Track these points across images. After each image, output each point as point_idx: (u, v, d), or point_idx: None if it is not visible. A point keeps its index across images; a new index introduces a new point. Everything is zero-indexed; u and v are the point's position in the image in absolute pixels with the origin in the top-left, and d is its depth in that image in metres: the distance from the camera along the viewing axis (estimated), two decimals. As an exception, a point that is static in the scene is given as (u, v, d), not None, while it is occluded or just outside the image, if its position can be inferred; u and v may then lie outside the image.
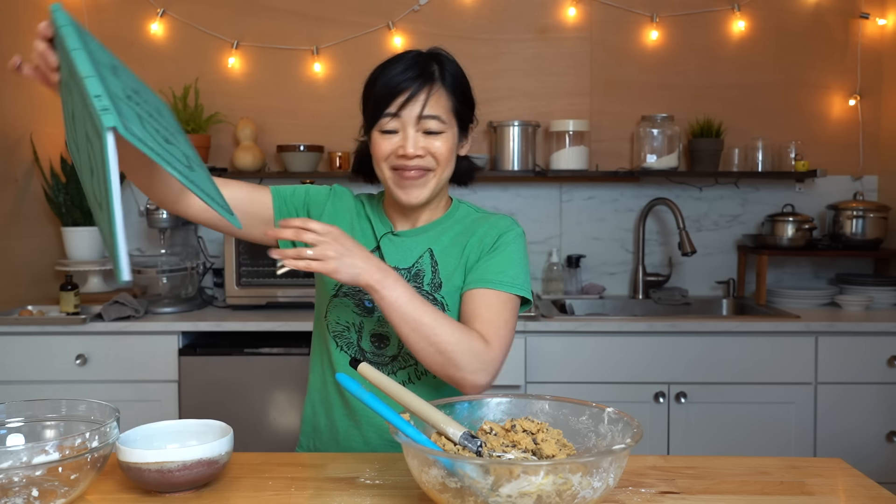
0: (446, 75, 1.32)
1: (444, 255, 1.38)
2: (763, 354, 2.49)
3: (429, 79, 1.29)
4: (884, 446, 2.51)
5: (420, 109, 1.28)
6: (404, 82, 1.28)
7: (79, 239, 2.91)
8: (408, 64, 1.30)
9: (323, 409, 1.43)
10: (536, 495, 0.91)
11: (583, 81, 3.09)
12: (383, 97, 1.29)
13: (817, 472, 1.20)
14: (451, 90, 1.32)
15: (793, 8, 3.04)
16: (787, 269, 3.11)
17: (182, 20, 3.08)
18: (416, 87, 1.28)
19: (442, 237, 1.39)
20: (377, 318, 1.35)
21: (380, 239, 1.39)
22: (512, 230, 1.38)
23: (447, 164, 1.33)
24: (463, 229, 1.40)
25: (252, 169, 2.95)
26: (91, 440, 1.06)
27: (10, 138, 2.75)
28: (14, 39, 2.79)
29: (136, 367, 2.51)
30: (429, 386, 1.37)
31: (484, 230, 1.38)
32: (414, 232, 1.40)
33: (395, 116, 1.29)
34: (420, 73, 1.29)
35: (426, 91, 1.29)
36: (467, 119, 1.37)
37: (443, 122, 1.30)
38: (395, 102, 1.28)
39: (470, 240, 1.38)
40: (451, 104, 1.32)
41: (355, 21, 3.06)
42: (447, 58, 1.35)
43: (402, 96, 1.28)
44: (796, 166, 2.91)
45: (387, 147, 1.30)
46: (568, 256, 3.06)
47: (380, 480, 1.15)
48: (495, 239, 1.36)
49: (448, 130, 1.31)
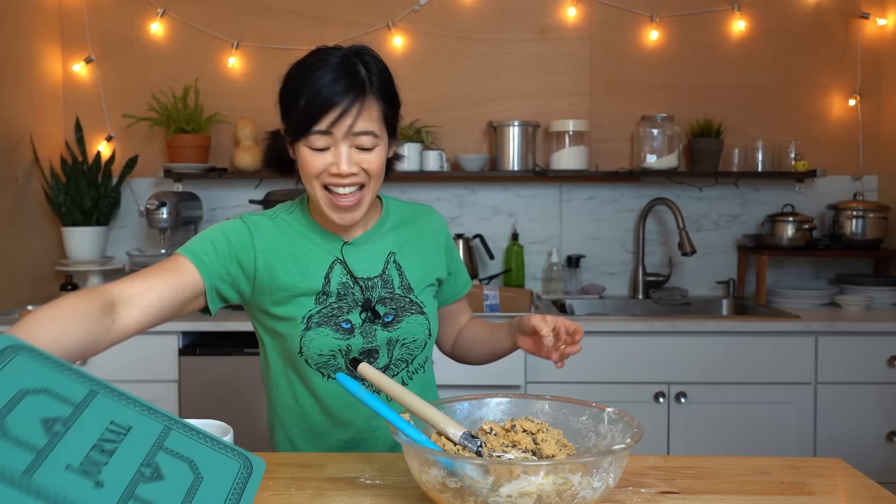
0: (374, 80, 1.24)
1: (407, 258, 1.39)
2: (763, 354, 2.49)
3: (360, 90, 1.21)
4: (884, 446, 2.51)
5: (353, 125, 1.21)
6: (335, 96, 1.20)
7: (79, 239, 2.91)
8: (337, 73, 1.21)
9: (309, 440, 1.39)
10: (536, 495, 0.91)
11: (583, 81, 3.09)
12: (313, 112, 1.21)
13: (817, 472, 1.20)
14: (379, 96, 1.24)
15: (793, 8, 3.04)
16: (787, 269, 3.11)
17: (182, 20, 3.08)
18: (348, 102, 1.20)
19: (398, 240, 1.39)
20: (359, 334, 1.31)
21: (342, 250, 1.34)
22: (445, 223, 1.50)
23: (379, 176, 1.28)
24: (410, 228, 1.42)
25: (252, 169, 2.95)
26: (91, 440, 1.05)
27: (10, 138, 2.75)
28: (14, 39, 2.79)
29: (136, 367, 2.51)
30: (419, 384, 1.39)
31: (437, 229, 1.46)
32: (366, 237, 1.37)
33: (325, 133, 1.21)
34: (350, 83, 1.21)
35: (358, 105, 1.21)
36: (396, 121, 1.31)
37: (376, 137, 1.24)
38: (325, 119, 1.20)
39: (430, 242, 1.43)
40: (382, 113, 1.25)
41: (355, 21, 3.06)
42: (372, 57, 1.28)
43: (333, 112, 1.20)
44: (796, 166, 2.91)
45: (318, 165, 1.23)
46: (568, 256, 3.06)
47: (380, 480, 1.15)
48: (448, 237, 1.48)
49: (381, 143, 1.26)
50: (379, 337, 1.32)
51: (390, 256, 1.37)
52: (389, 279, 1.35)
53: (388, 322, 1.33)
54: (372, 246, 1.37)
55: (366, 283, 1.33)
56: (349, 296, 1.32)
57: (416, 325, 1.35)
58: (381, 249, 1.37)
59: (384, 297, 1.34)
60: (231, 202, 3.12)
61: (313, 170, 1.24)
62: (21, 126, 2.82)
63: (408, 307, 1.35)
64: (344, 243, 1.35)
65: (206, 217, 3.09)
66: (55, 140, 3.04)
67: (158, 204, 2.71)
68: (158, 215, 2.72)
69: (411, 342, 1.35)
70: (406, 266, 1.38)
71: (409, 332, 1.35)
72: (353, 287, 1.33)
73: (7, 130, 2.74)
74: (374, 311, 1.32)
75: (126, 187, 3.12)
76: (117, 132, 3.11)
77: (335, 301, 1.31)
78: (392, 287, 1.35)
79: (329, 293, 1.31)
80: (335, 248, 1.34)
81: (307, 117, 1.21)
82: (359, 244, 1.36)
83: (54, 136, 3.04)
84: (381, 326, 1.32)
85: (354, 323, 1.31)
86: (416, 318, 1.35)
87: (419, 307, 1.36)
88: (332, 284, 1.32)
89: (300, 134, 1.23)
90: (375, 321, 1.32)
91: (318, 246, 1.34)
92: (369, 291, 1.33)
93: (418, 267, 1.39)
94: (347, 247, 1.35)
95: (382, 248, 1.37)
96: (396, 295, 1.35)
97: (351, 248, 1.35)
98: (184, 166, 2.92)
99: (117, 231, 3.13)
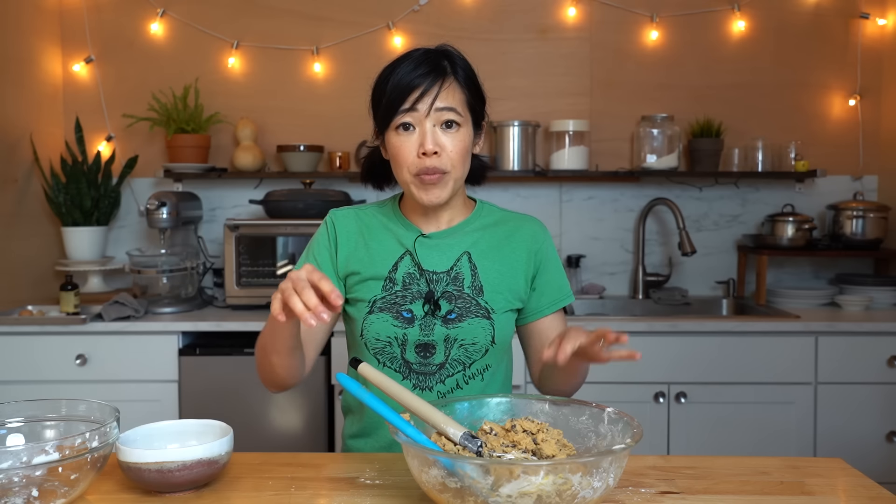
0: (458, 70, 1.31)
1: (484, 259, 1.37)
2: (763, 354, 2.49)
3: (441, 73, 1.28)
4: (884, 446, 2.51)
5: (435, 102, 1.27)
6: (416, 79, 1.27)
7: (79, 239, 2.91)
8: (417, 61, 1.29)
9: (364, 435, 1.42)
10: (536, 495, 0.91)
11: (583, 81, 3.09)
12: (396, 96, 1.27)
13: (817, 472, 1.20)
14: (463, 84, 1.31)
15: (793, 8, 3.04)
16: (787, 269, 3.11)
17: (182, 20, 3.08)
18: (429, 83, 1.27)
19: (479, 241, 1.38)
20: (419, 326, 1.33)
21: (415, 241, 1.37)
22: (547, 235, 1.43)
23: (462, 163, 1.31)
24: (496, 231, 1.40)
25: (252, 169, 2.95)
26: (91, 440, 1.06)
27: (10, 138, 2.75)
28: (14, 39, 2.79)
29: (136, 367, 2.51)
30: (475, 391, 1.37)
31: (527, 237, 1.40)
32: (445, 233, 1.38)
33: (410, 111, 1.27)
34: (431, 68, 1.28)
35: (439, 84, 1.27)
36: (480, 114, 1.36)
37: (459, 115, 1.29)
38: (409, 99, 1.27)
39: (516, 248, 1.39)
40: (465, 97, 1.31)
41: (355, 21, 3.06)
42: (456, 54, 1.34)
43: (415, 92, 1.26)
44: (796, 166, 2.91)
45: (408, 148, 1.28)
46: (568, 256, 3.06)
47: (380, 480, 1.15)
48: (545, 249, 1.41)
49: (464, 125, 1.30)
50: (437, 332, 1.32)
51: (464, 255, 1.37)
52: (460, 277, 1.35)
53: (451, 319, 1.33)
54: (447, 242, 1.38)
55: (431, 277, 1.34)
56: (414, 286, 1.34)
57: (479, 329, 1.33)
58: (455, 246, 1.37)
59: (451, 294, 1.34)
60: (231, 202, 3.12)
61: (404, 156, 1.29)
62: (21, 126, 2.82)
63: (474, 309, 1.34)
64: (419, 235, 1.37)
65: (206, 217, 3.09)
66: (55, 140, 3.04)
67: (158, 204, 2.71)
68: (158, 215, 2.72)
69: (470, 345, 1.34)
70: (482, 267, 1.36)
71: (470, 334, 1.33)
72: (419, 278, 1.34)
73: (7, 130, 2.74)
74: (437, 304, 1.33)
75: (126, 187, 3.12)
76: (117, 132, 3.11)
77: (400, 290, 1.34)
78: (461, 285, 1.34)
79: (395, 281, 1.34)
80: (410, 238, 1.37)
81: (392, 102, 1.28)
82: (435, 238, 1.38)
83: (54, 136, 3.04)
84: (442, 322, 1.33)
85: (416, 314, 1.33)
86: (481, 321, 1.34)
87: (486, 311, 1.34)
88: (399, 273, 1.35)
89: (388, 119, 1.29)
90: (437, 315, 1.33)
91: (394, 236, 1.39)
92: (434, 285, 1.34)
93: (495, 271, 1.37)
94: (422, 239, 1.37)
95: (458, 245, 1.37)
96: (465, 294, 1.34)
97: (425, 241, 1.37)
98: (184, 166, 2.92)
99: (117, 231, 3.13)
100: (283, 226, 2.72)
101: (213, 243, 3.07)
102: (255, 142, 3.01)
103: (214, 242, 3.08)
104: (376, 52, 3.03)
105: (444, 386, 1.35)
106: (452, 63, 1.31)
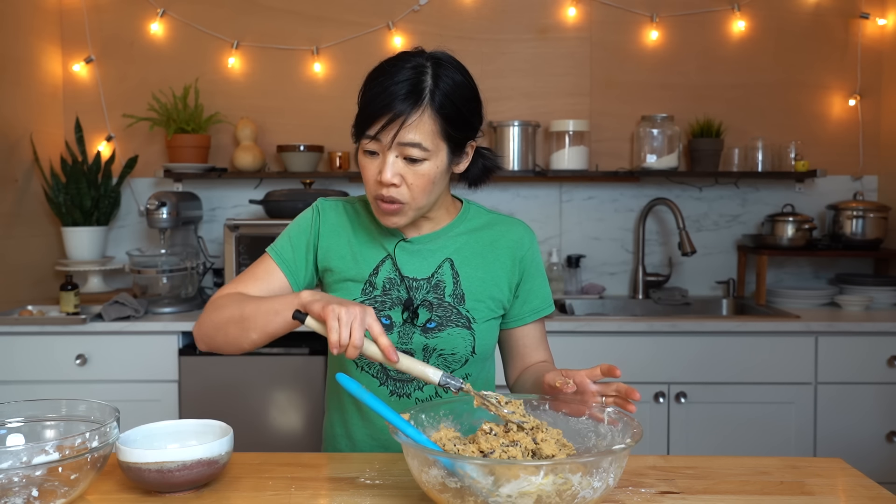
0: (436, 95, 1.20)
1: (466, 266, 1.33)
2: (763, 354, 2.49)
3: (414, 100, 1.18)
4: (884, 446, 2.51)
5: (398, 135, 1.19)
6: (383, 107, 1.18)
7: (79, 239, 2.91)
8: (395, 80, 1.20)
9: (347, 441, 1.40)
10: (536, 495, 0.91)
11: (583, 81, 3.09)
12: (366, 117, 1.21)
13: (817, 472, 1.20)
14: (439, 112, 1.20)
15: (793, 8, 3.04)
16: (787, 269, 3.11)
17: (182, 20, 3.08)
18: (394, 115, 1.18)
19: (462, 247, 1.34)
20: (397, 333, 1.30)
21: (395, 246, 1.33)
22: (534, 241, 1.40)
23: (425, 194, 1.24)
24: (480, 236, 1.36)
25: (252, 169, 2.95)
26: (91, 440, 1.06)
27: (10, 138, 2.75)
28: (14, 39, 2.79)
29: (136, 367, 2.51)
30: None
31: (512, 243, 1.36)
32: (427, 238, 1.34)
33: (373, 139, 1.21)
34: (407, 91, 1.19)
35: (404, 118, 1.18)
36: (462, 138, 1.26)
37: (425, 150, 1.20)
38: (374, 126, 1.20)
39: (500, 255, 1.35)
40: (438, 128, 1.21)
41: (355, 21, 3.06)
42: (445, 70, 1.23)
43: (380, 122, 1.19)
44: (796, 166, 2.91)
45: (370, 171, 1.24)
46: (568, 256, 3.06)
47: (380, 480, 1.15)
48: (530, 256, 1.38)
49: (432, 157, 1.22)
50: (415, 341, 1.30)
51: (446, 261, 1.33)
52: (441, 284, 1.32)
53: (430, 329, 1.30)
54: (429, 248, 1.34)
55: (412, 283, 1.32)
56: (394, 291, 1.31)
57: (459, 339, 1.31)
58: (437, 252, 1.34)
59: (430, 302, 1.31)
60: (231, 202, 3.12)
61: (367, 176, 1.26)
62: (21, 126, 2.82)
63: (454, 318, 1.31)
64: (400, 240, 1.34)
65: (206, 217, 3.09)
66: (55, 140, 3.04)
67: (158, 204, 2.71)
68: (158, 215, 2.72)
69: (450, 355, 1.31)
70: (464, 275, 1.33)
71: (450, 344, 1.30)
72: (399, 284, 1.32)
73: (7, 130, 2.74)
74: (416, 312, 1.30)
75: (126, 187, 3.12)
76: (117, 132, 3.11)
77: (380, 295, 1.32)
78: (442, 293, 1.31)
79: (375, 285, 1.32)
80: (391, 243, 1.34)
81: (362, 121, 1.23)
82: (416, 243, 1.34)
83: (54, 136, 3.04)
84: (421, 331, 1.30)
85: (395, 320, 1.31)
86: (461, 331, 1.31)
87: (467, 321, 1.31)
88: (380, 277, 1.32)
89: (356, 137, 1.26)
90: (416, 324, 1.30)
91: (377, 238, 1.35)
92: (414, 292, 1.31)
93: (478, 279, 1.33)
94: (402, 244, 1.34)
95: (440, 251, 1.34)
96: (445, 303, 1.31)
97: (406, 246, 1.34)
98: (184, 166, 2.92)
99: (117, 231, 3.13)
100: (283, 226, 2.70)
101: (213, 243, 3.08)
102: (255, 142, 3.01)
103: (214, 242, 3.08)
104: (376, 53, 3.03)
105: (423, 393, 1.32)
106: (435, 83, 1.20)
